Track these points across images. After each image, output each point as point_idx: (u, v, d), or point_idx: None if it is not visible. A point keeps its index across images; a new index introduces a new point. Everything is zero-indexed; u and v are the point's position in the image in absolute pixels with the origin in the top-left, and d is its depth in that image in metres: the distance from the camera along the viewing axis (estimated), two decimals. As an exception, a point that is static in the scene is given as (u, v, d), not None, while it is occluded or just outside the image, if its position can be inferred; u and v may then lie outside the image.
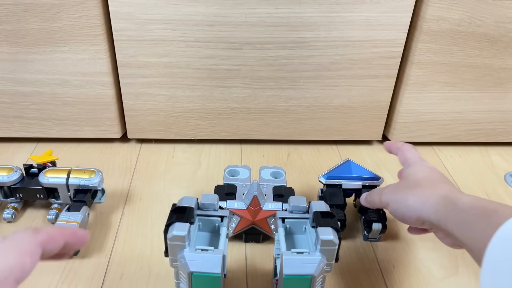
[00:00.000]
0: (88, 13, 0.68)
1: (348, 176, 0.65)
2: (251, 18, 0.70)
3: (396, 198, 0.49)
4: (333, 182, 0.65)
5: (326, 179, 0.65)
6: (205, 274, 0.45)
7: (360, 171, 0.66)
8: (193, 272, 0.45)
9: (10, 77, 0.74)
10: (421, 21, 0.71)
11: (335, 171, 0.66)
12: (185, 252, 0.46)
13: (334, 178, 0.65)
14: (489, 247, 0.33)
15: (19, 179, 0.65)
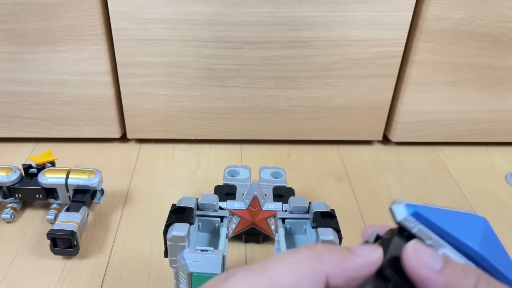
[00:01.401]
0: (87, 13, 0.68)
1: (466, 245, 0.25)
2: (251, 18, 0.69)
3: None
4: (418, 232, 0.25)
5: (410, 214, 0.25)
6: (205, 275, 0.45)
7: (494, 253, 0.26)
8: (192, 272, 0.45)
9: (9, 77, 0.74)
10: (422, 21, 0.71)
11: (442, 213, 0.26)
12: (185, 252, 0.45)
13: (425, 223, 0.25)
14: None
15: (18, 179, 0.65)
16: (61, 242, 0.59)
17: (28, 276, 0.58)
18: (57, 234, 0.58)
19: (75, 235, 0.58)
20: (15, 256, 0.61)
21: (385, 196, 0.74)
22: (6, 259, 0.60)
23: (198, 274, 0.45)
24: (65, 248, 0.59)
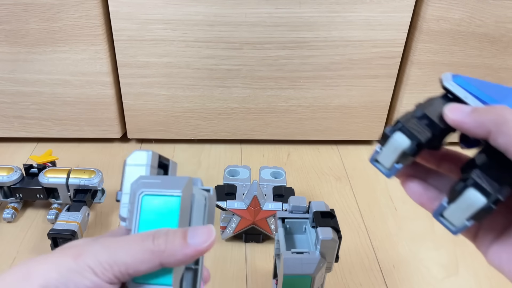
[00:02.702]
0: (88, 13, 0.68)
1: (492, 100, 0.32)
2: (251, 18, 0.70)
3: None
4: (457, 92, 0.32)
5: (453, 80, 0.33)
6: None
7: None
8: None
9: (10, 77, 0.74)
10: (421, 21, 0.71)
11: (480, 83, 0.33)
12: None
13: (464, 87, 0.32)
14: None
15: (19, 179, 0.65)
16: (62, 241, 0.59)
17: (29, 275, 0.58)
18: (58, 234, 0.58)
19: (76, 235, 0.58)
20: (16, 256, 0.61)
21: (384, 196, 0.74)
22: (7, 259, 0.60)
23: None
24: (66, 248, 0.59)
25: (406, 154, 0.31)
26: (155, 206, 0.30)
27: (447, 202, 0.30)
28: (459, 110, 0.30)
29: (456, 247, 0.65)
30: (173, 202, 0.30)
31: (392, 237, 0.66)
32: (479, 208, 0.28)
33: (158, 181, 0.31)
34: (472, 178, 0.29)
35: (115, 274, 0.27)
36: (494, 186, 0.28)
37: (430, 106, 0.32)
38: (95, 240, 0.29)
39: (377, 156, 0.32)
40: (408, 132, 0.31)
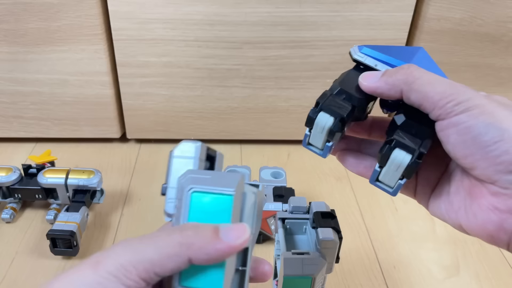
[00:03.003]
0: (87, 13, 0.68)
1: (397, 62, 0.35)
2: (251, 18, 0.69)
3: (484, 103, 0.28)
4: (367, 62, 0.35)
5: (360, 51, 0.36)
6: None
7: (428, 67, 0.34)
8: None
9: (9, 77, 0.74)
10: (422, 21, 0.71)
11: (386, 48, 0.37)
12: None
13: (371, 55, 0.36)
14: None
15: (17, 179, 0.65)
16: (60, 242, 0.59)
17: (27, 276, 0.58)
18: (57, 234, 0.58)
19: (75, 235, 0.58)
20: (15, 256, 0.60)
21: (385, 196, 0.73)
22: (6, 259, 0.60)
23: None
24: (65, 248, 0.59)
25: (333, 131, 0.32)
26: (205, 204, 0.29)
27: (379, 167, 0.32)
28: (371, 77, 0.33)
29: (457, 247, 0.64)
30: (225, 201, 0.28)
31: (392, 238, 0.66)
32: (407, 165, 0.30)
33: (208, 176, 0.29)
34: (395, 139, 0.31)
35: (140, 275, 0.25)
36: (416, 142, 0.30)
37: (346, 80, 0.34)
38: (120, 242, 0.27)
39: (308, 139, 0.34)
40: (329, 110, 0.33)
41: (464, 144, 0.28)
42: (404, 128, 0.31)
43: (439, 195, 0.33)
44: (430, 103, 0.29)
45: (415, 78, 0.30)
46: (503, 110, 0.28)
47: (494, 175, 0.28)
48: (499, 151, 0.27)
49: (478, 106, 0.28)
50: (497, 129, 0.27)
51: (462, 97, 0.28)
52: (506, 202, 0.28)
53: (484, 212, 0.29)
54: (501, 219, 0.28)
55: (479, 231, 0.29)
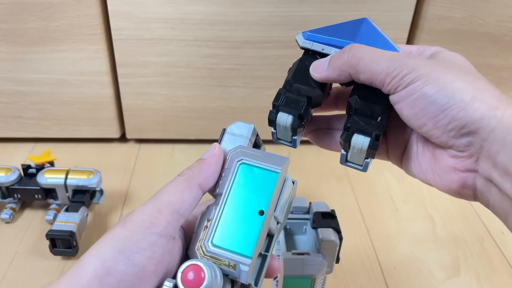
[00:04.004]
0: (86, 12, 0.68)
1: (346, 42, 0.35)
2: (251, 17, 0.69)
3: (428, 71, 0.29)
4: (314, 48, 0.36)
5: (305, 38, 0.36)
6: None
7: (374, 40, 0.35)
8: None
9: (8, 77, 0.74)
10: (423, 20, 0.70)
11: (330, 29, 0.37)
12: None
13: (316, 40, 0.36)
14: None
15: (17, 180, 0.65)
16: (60, 242, 0.58)
17: (27, 276, 0.58)
18: (56, 235, 0.58)
19: (74, 236, 0.58)
20: (14, 257, 0.60)
21: (385, 197, 0.73)
22: (5, 260, 0.60)
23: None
24: (64, 249, 0.59)
25: (295, 127, 0.33)
26: (251, 176, 0.30)
27: (344, 151, 0.33)
28: (319, 67, 0.33)
29: (457, 248, 0.64)
30: (270, 177, 0.30)
31: (393, 238, 0.66)
32: (367, 147, 0.31)
33: (258, 154, 0.31)
34: (351, 126, 0.32)
35: (167, 218, 0.27)
36: (371, 124, 0.32)
37: (298, 73, 0.35)
38: (138, 208, 0.30)
39: (276, 135, 0.36)
40: (286, 110, 0.34)
41: (416, 116, 0.29)
42: (359, 111, 0.32)
43: (409, 157, 0.34)
44: (378, 81, 0.30)
45: (358, 60, 0.31)
46: (447, 74, 0.29)
47: (449, 141, 0.29)
48: (448, 118, 0.28)
49: (423, 76, 0.29)
50: (442, 97, 0.28)
51: (406, 69, 0.29)
52: (464, 163, 0.29)
53: (447, 173, 0.30)
54: (462, 178, 0.30)
55: (446, 190, 0.31)
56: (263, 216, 0.29)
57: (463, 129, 0.28)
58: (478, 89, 0.28)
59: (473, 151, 0.28)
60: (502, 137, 0.27)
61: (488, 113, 0.27)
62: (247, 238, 0.28)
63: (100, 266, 0.26)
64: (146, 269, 0.26)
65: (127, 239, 0.26)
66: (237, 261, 0.28)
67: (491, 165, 0.28)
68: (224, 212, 0.30)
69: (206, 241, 0.29)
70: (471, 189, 0.30)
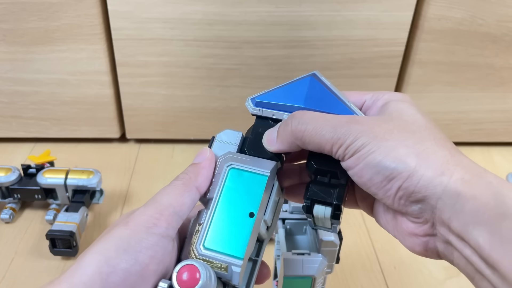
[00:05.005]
0: (86, 12, 0.68)
1: (293, 106, 0.35)
2: (251, 17, 0.69)
3: (370, 138, 0.28)
4: (265, 114, 0.36)
5: (254, 106, 0.36)
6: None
7: (321, 100, 0.35)
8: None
9: (8, 77, 0.74)
10: (423, 20, 0.70)
11: (278, 91, 0.37)
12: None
13: (265, 107, 0.36)
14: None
15: (17, 180, 0.65)
16: (60, 242, 0.58)
17: (27, 276, 0.58)
18: (56, 235, 0.58)
19: (74, 236, 0.58)
20: (14, 257, 0.60)
21: (385, 196, 0.73)
22: (5, 260, 0.60)
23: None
24: (64, 249, 0.59)
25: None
26: (240, 180, 0.32)
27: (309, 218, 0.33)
28: (270, 140, 0.34)
29: (458, 248, 0.64)
30: (259, 180, 0.31)
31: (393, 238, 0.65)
32: (330, 215, 0.31)
33: (246, 159, 0.33)
34: (310, 197, 0.31)
35: (167, 220, 0.28)
36: (330, 194, 0.31)
37: (251, 145, 0.34)
38: (138, 208, 0.30)
39: None
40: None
41: (365, 184, 0.29)
42: (316, 180, 0.32)
43: (377, 213, 0.34)
44: (326, 150, 0.30)
45: (302, 132, 0.30)
46: (389, 139, 0.28)
47: (402, 209, 0.29)
48: (395, 188, 0.28)
49: (366, 144, 0.28)
50: (386, 166, 0.27)
51: (349, 138, 0.29)
52: (422, 228, 0.29)
53: (409, 236, 0.30)
54: (423, 242, 0.29)
55: (411, 251, 0.31)
56: (253, 218, 0.30)
57: (411, 198, 0.27)
58: (421, 154, 0.27)
59: (427, 217, 0.28)
60: (451, 204, 0.26)
61: (433, 180, 0.26)
62: (238, 240, 0.29)
63: (104, 264, 0.26)
64: (148, 268, 0.27)
65: (130, 238, 0.27)
66: (229, 262, 0.28)
67: (447, 230, 0.27)
68: (215, 215, 0.30)
69: (198, 244, 0.29)
70: (434, 252, 0.29)
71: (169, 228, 0.28)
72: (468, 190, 0.26)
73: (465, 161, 0.28)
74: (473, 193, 0.26)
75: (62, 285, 0.26)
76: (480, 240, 0.25)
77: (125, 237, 0.27)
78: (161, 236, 0.28)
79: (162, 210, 0.29)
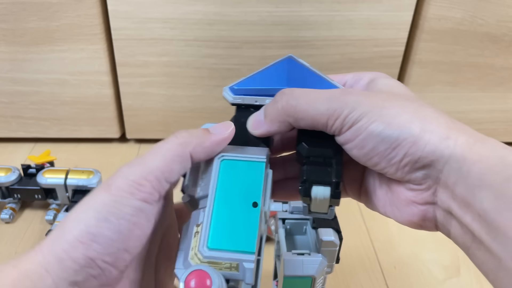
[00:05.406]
0: (86, 12, 0.68)
1: (276, 89, 0.33)
2: (251, 17, 0.69)
3: (369, 107, 0.28)
4: (247, 102, 0.35)
5: (234, 94, 0.35)
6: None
7: (304, 79, 0.35)
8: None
9: (8, 77, 0.74)
10: (423, 20, 0.70)
11: (257, 77, 0.36)
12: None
13: (246, 93, 0.35)
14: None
15: (17, 180, 0.65)
16: (60, 242, 0.58)
17: (26, 276, 0.57)
18: (56, 235, 0.57)
19: (74, 236, 0.58)
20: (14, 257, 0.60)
21: (385, 196, 0.73)
22: (5, 260, 0.59)
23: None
24: (64, 249, 0.59)
25: None
26: (236, 170, 0.29)
27: (305, 203, 0.31)
28: (256, 123, 0.32)
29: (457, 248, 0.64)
30: (256, 167, 0.29)
31: (393, 238, 0.66)
32: (330, 196, 0.29)
33: (237, 148, 0.30)
34: (307, 178, 0.29)
35: (153, 185, 0.27)
36: (327, 173, 0.29)
37: (236, 137, 0.31)
38: (123, 166, 0.28)
39: None
40: None
41: (367, 156, 0.28)
42: (310, 159, 0.30)
43: (367, 191, 0.33)
44: (320, 124, 0.29)
45: (294, 107, 0.29)
46: (390, 107, 0.28)
47: (404, 176, 0.28)
48: (400, 155, 0.27)
49: (365, 113, 0.27)
50: (390, 134, 0.27)
51: (347, 109, 0.28)
52: (422, 196, 0.28)
53: (406, 207, 0.29)
54: (422, 211, 0.29)
55: (407, 223, 0.30)
56: (257, 207, 0.27)
57: (417, 164, 0.27)
58: (425, 120, 0.27)
59: (430, 183, 0.28)
60: (458, 168, 0.26)
61: (440, 144, 0.26)
62: (246, 233, 0.26)
63: (84, 232, 0.25)
64: (132, 234, 0.26)
65: (111, 204, 0.25)
66: (240, 259, 0.25)
67: (449, 196, 0.27)
68: (214, 211, 0.27)
69: (201, 246, 0.26)
70: (432, 222, 0.29)
71: (154, 193, 0.26)
72: (474, 154, 0.26)
73: (466, 127, 0.28)
74: (479, 157, 0.25)
75: (44, 252, 0.25)
76: (485, 203, 0.24)
77: (106, 204, 0.25)
78: (144, 201, 0.26)
79: (148, 174, 0.26)
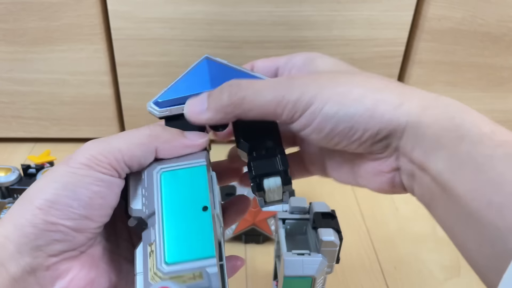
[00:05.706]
0: (86, 12, 0.68)
1: (199, 94, 0.32)
2: (251, 17, 0.69)
3: (317, 89, 0.27)
4: (175, 113, 0.33)
5: (160, 108, 0.33)
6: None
7: (229, 76, 0.36)
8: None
9: (7, 77, 0.74)
10: (423, 20, 0.70)
11: (178, 85, 0.34)
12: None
13: (172, 104, 0.33)
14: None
15: (16, 180, 0.64)
16: (59, 242, 0.58)
17: (26, 277, 0.57)
18: (56, 235, 0.57)
19: (74, 236, 0.58)
20: (14, 257, 0.60)
21: (386, 197, 0.73)
22: (4, 260, 0.60)
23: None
24: (64, 249, 0.59)
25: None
26: (177, 180, 0.28)
27: (260, 197, 0.31)
28: (199, 113, 0.30)
29: (458, 248, 0.64)
30: (197, 172, 0.28)
31: (393, 238, 0.66)
32: (281, 185, 0.30)
33: (173, 158, 0.30)
34: (256, 174, 0.30)
35: (111, 163, 0.27)
36: (273, 164, 0.30)
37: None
38: (90, 141, 0.28)
39: None
40: None
41: (326, 137, 0.28)
42: (254, 156, 0.31)
43: (332, 167, 0.34)
44: (270, 113, 0.28)
45: (241, 98, 0.28)
46: (338, 85, 0.27)
47: (367, 149, 0.28)
48: (360, 131, 0.27)
49: (315, 96, 0.27)
50: (345, 114, 0.27)
51: (295, 94, 0.27)
52: (386, 164, 0.29)
53: (374, 177, 0.29)
54: (389, 178, 0.29)
55: (379, 191, 0.30)
56: (208, 210, 0.27)
57: (377, 136, 0.27)
58: (376, 90, 0.27)
59: (391, 151, 0.28)
60: (414, 133, 0.26)
61: (395, 113, 0.26)
62: (202, 238, 0.26)
63: (43, 200, 0.26)
64: (93, 202, 0.26)
65: (69, 175, 0.26)
66: (202, 266, 0.25)
67: (409, 161, 0.27)
68: (165, 226, 0.27)
69: (159, 264, 0.25)
70: (401, 186, 0.29)
71: (111, 170, 0.27)
72: (427, 116, 0.26)
73: (417, 90, 0.28)
74: (433, 118, 0.26)
75: (4, 222, 0.26)
76: (439, 165, 0.25)
77: (64, 175, 0.26)
78: (103, 173, 0.27)
79: (108, 152, 0.27)
